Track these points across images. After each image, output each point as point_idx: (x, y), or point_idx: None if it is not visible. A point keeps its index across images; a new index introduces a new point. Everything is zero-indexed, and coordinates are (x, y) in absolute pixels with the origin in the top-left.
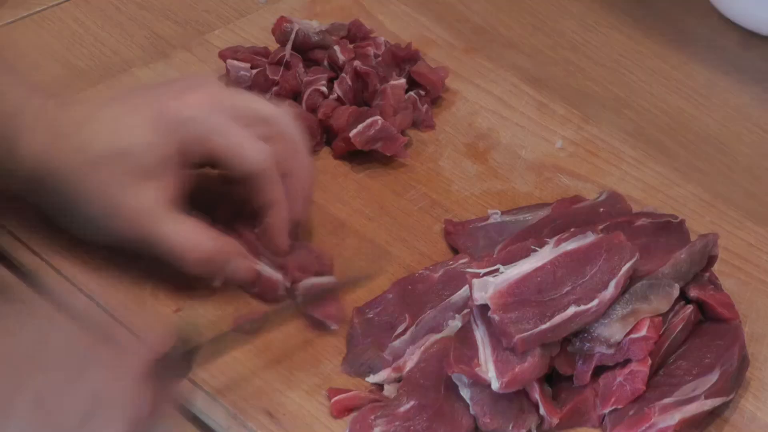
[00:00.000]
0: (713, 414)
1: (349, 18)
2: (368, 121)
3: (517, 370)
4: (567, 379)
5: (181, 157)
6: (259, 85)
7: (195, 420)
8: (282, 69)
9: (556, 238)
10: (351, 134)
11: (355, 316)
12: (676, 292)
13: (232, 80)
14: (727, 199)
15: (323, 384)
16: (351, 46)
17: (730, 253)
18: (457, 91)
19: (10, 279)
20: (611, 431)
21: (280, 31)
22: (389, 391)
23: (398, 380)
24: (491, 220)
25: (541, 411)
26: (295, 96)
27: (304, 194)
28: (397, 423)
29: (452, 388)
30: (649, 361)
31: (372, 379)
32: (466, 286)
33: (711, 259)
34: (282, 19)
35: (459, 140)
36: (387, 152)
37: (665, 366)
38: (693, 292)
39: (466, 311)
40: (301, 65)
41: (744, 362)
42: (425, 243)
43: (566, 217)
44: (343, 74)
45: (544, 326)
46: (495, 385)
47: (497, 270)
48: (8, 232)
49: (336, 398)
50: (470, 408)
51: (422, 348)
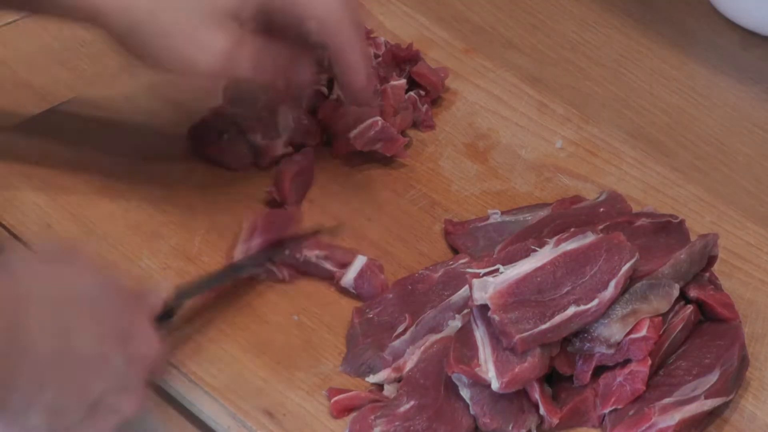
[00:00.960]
0: (713, 414)
1: None
2: (368, 122)
3: (517, 370)
4: (567, 379)
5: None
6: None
7: (195, 420)
8: None
9: (556, 238)
10: (351, 135)
11: (355, 316)
12: (676, 292)
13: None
14: (727, 199)
15: (323, 384)
16: None
17: (730, 253)
18: (457, 91)
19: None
20: (611, 431)
21: None
22: (389, 391)
23: (398, 380)
24: (491, 220)
25: (541, 411)
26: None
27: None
28: (397, 423)
29: (452, 388)
30: (649, 361)
31: (372, 379)
32: (466, 286)
33: (711, 260)
34: None
35: (459, 140)
36: (387, 153)
37: (665, 366)
38: (693, 292)
39: (466, 311)
40: None
41: (744, 362)
42: (425, 243)
43: (566, 217)
44: None
45: (544, 326)
46: (495, 385)
47: (497, 270)
48: (8, 232)
49: (336, 398)
50: (470, 408)
51: (422, 348)
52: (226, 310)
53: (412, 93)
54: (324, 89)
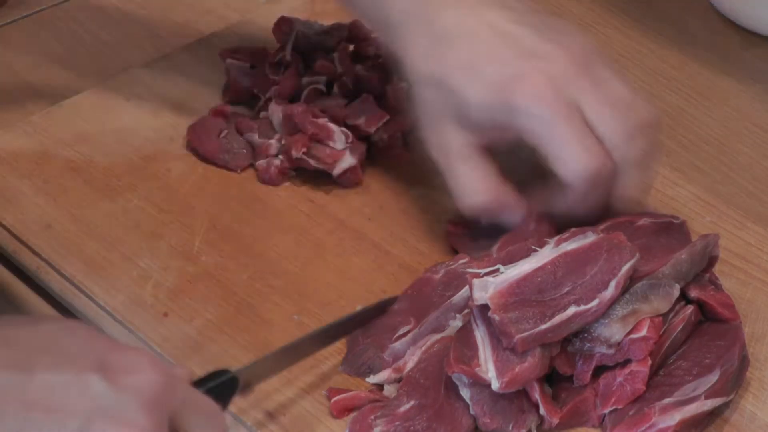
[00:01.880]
0: (713, 414)
1: (349, 18)
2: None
3: (517, 370)
4: (567, 379)
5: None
6: (259, 85)
7: None
8: (282, 69)
9: (556, 238)
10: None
11: None
12: (676, 293)
13: (232, 80)
14: (727, 199)
15: (323, 384)
16: (352, 47)
17: (730, 253)
18: None
19: (10, 279)
20: (611, 431)
21: (281, 32)
22: (389, 391)
23: (398, 380)
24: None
25: (541, 411)
26: (295, 96)
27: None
28: (397, 423)
29: (452, 388)
30: (649, 361)
31: (372, 379)
32: (467, 287)
33: (712, 260)
34: (282, 19)
35: None
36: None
37: (665, 366)
38: (693, 293)
39: (466, 311)
40: (301, 65)
41: (744, 362)
42: (425, 243)
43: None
44: (345, 78)
45: (544, 326)
46: (495, 385)
47: (497, 270)
48: (8, 232)
49: (336, 398)
50: (470, 408)
51: (422, 348)
52: (227, 310)
53: None
54: (322, 87)
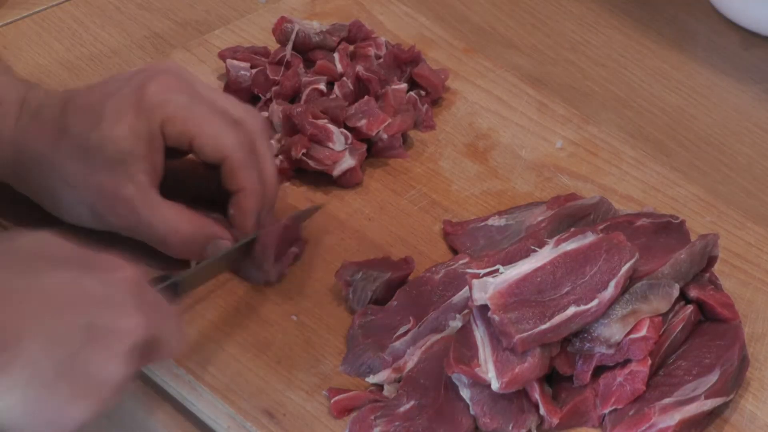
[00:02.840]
0: (713, 414)
1: (349, 18)
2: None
3: (517, 370)
4: (567, 379)
5: (158, 140)
6: (259, 85)
7: (195, 420)
8: (282, 69)
9: (555, 238)
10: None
11: (357, 318)
12: (676, 292)
13: (232, 80)
14: (727, 199)
15: (323, 384)
16: (352, 47)
17: (730, 253)
18: (457, 91)
19: None
20: (611, 431)
21: (281, 31)
22: (389, 391)
23: (398, 380)
24: (490, 221)
25: (541, 411)
26: (295, 96)
27: (270, 190)
28: (397, 423)
29: (452, 388)
30: (649, 361)
31: (372, 379)
32: (467, 287)
33: (711, 260)
34: (282, 19)
35: (459, 140)
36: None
37: (665, 366)
38: (693, 292)
39: (466, 311)
40: (301, 65)
41: (744, 362)
42: (425, 243)
43: (561, 216)
44: (345, 78)
45: (544, 326)
46: (495, 385)
47: (497, 270)
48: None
49: (336, 398)
50: (470, 408)
51: (422, 348)
52: (226, 310)
53: (412, 93)
54: (322, 87)
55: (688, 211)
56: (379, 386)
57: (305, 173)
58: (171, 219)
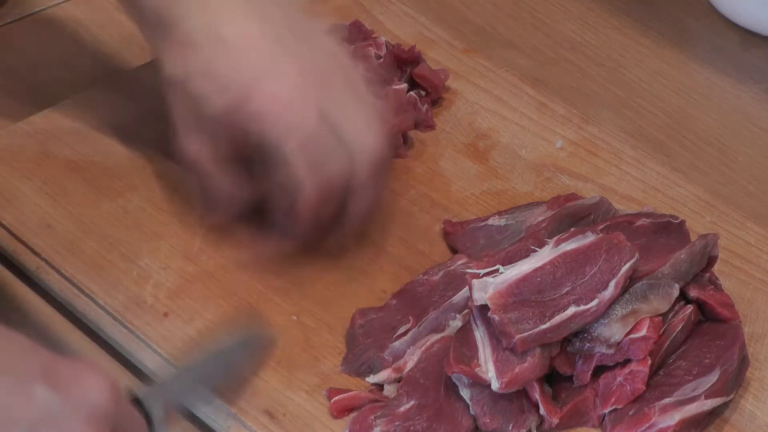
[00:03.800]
0: (713, 414)
1: (349, 18)
2: None
3: (517, 370)
4: (567, 379)
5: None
6: None
7: (195, 420)
8: None
9: (555, 238)
10: None
11: (357, 318)
12: (676, 292)
13: None
14: (727, 199)
15: (323, 384)
16: (352, 47)
17: (730, 253)
18: (457, 91)
19: (10, 279)
20: (611, 431)
21: None
22: (389, 391)
23: (398, 380)
24: (490, 221)
25: (541, 411)
26: None
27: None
28: (397, 423)
29: (452, 388)
30: (649, 361)
31: (372, 379)
32: (467, 287)
33: (711, 260)
34: None
35: (459, 140)
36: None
37: (665, 366)
38: (693, 292)
39: (466, 311)
40: None
41: (744, 362)
42: (425, 243)
43: (561, 216)
44: None
45: (544, 326)
46: (495, 385)
47: (497, 270)
48: (8, 232)
49: (336, 398)
50: (470, 408)
51: (422, 348)
52: (226, 310)
53: (412, 93)
54: None
55: (688, 211)
56: (379, 386)
57: None
58: (195, 142)
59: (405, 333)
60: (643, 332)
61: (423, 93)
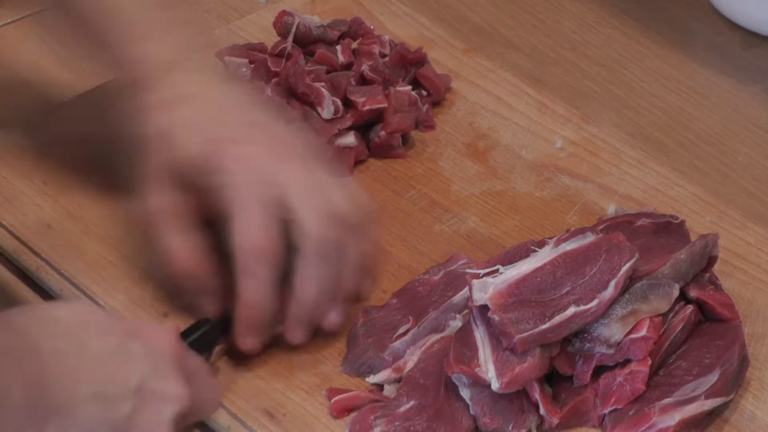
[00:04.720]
0: (713, 414)
1: (349, 18)
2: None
3: (517, 370)
4: (567, 379)
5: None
6: (259, 77)
7: None
8: (283, 61)
9: (555, 238)
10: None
11: (360, 316)
12: (676, 292)
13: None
14: (727, 199)
15: (323, 384)
16: (355, 43)
17: (730, 253)
18: (457, 91)
19: (10, 279)
20: (611, 431)
21: (281, 24)
22: (389, 391)
23: (398, 380)
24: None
25: (541, 411)
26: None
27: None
28: (397, 423)
29: (452, 388)
30: (649, 361)
31: (372, 379)
32: (467, 287)
33: (711, 260)
34: (283, 12)
35: (459, 140)
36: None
37: (665, 366)
38: (693, 292)
39: (466, 311)
40: (301, 57)
41: (744, 362)
42: (425, 243)
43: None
44: (350, 74)
45: (544, 326)
46: (495, 386)
47: (497, 270)
48: (8, 232)
49: (336, 398)
50: (470, 408)
51: (422, 348)
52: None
53: (413, 93)
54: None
55: (688, 211)
56: (379, 386)
57: None
58: (183, 249)
59: (405, 333)
60: (643, 332)
61: (424, 93)
